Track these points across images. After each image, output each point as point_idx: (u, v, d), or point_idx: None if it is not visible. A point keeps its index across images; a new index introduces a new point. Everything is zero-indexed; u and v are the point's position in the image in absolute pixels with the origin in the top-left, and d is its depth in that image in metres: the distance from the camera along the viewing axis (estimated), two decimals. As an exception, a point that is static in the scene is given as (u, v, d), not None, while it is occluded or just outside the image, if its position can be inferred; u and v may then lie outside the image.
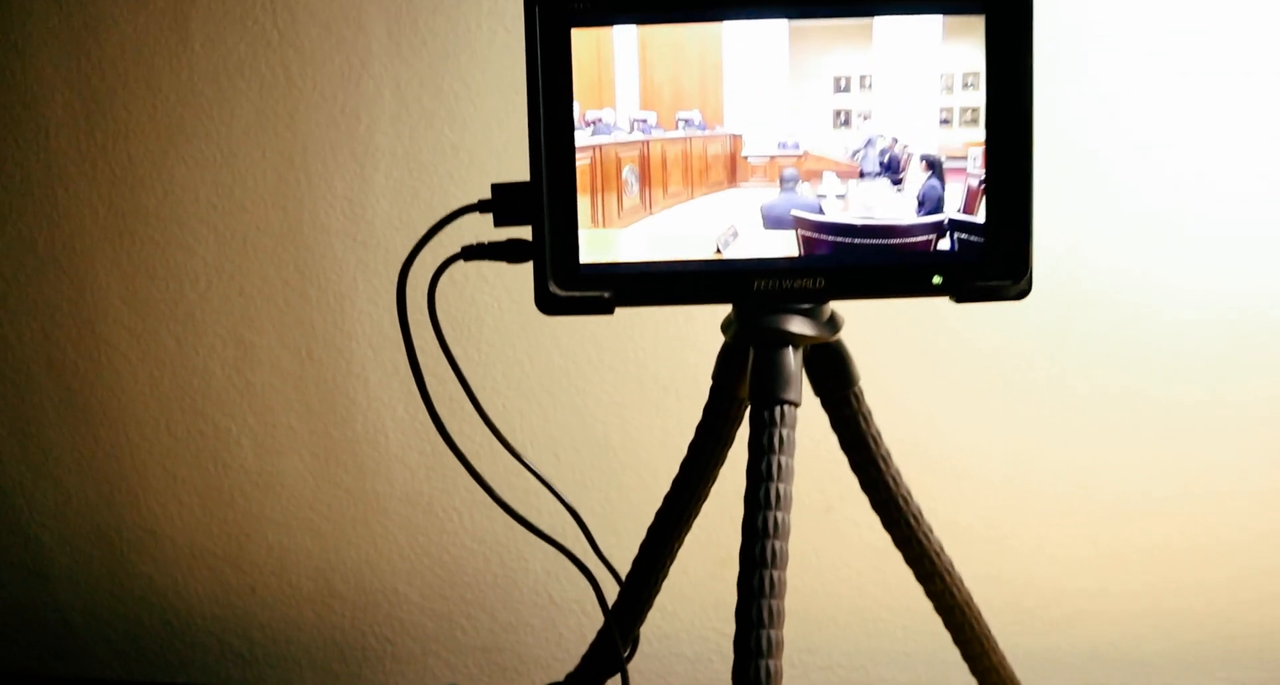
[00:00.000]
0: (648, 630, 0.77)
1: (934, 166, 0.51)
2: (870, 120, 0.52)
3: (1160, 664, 0.75)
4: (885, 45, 0.50)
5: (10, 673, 0.80)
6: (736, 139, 0.52)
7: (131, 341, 0.77)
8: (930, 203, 0.51)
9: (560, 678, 0.68)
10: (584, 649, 0.66)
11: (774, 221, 0.51)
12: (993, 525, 0.74)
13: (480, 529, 0.77)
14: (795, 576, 0.77)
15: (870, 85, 0.51)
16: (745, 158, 0.52)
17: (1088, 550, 0.74)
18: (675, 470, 0.60)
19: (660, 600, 0.71)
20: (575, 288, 0.50)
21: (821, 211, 0.51)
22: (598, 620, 0.65)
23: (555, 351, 0.74)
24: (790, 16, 0.49)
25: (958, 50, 0.50)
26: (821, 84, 0.51)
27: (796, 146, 0.52)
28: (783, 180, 0.52)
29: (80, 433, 0.79)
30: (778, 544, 0.47)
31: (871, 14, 0.49)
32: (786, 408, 0.49)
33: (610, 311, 0.51)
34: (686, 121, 0.53)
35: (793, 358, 0.50)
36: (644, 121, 0.51)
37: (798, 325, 0.50)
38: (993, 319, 0.72)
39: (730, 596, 0.48)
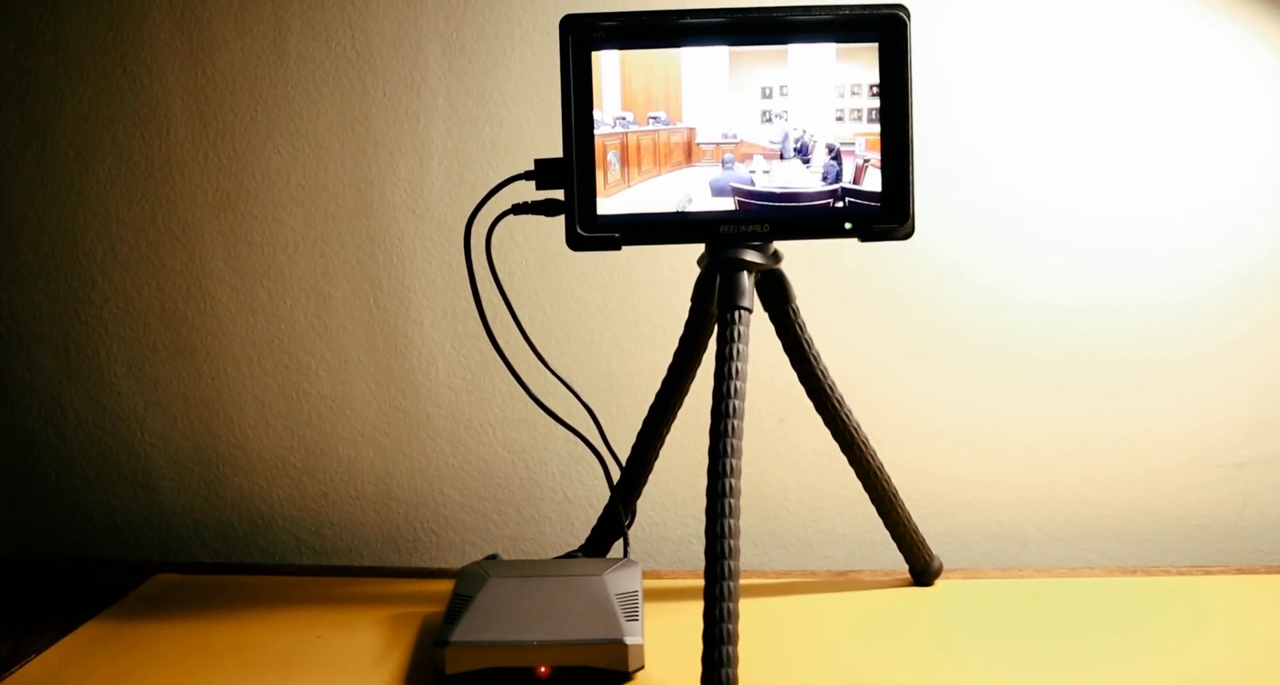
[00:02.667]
0: (640, 519, 0.97)
1: (832, 151, 0.71)
2: (787, 118, 0.70)
3: (1039, 538, 0.96)
4: (797, 64, 0.69)
5: (123, 562, 0.98)
6: (692, 131, 0.71)
7: (231, 294, 0.97)
8: (831, 176, 0.71)
9: (573, 553, 0.88)
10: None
11: (718, 190, 0.71)
12: (905, 430, 0.95)
13: (510, 441, 0.97)
14: (755, 475, 0.98)
15: (787, 92, 0.70)
16: (698, 145, 0.71)
17: (983, 448, 0.95)
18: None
19: (650, 494, 0.91)
20: (595, 231, 0.71)
21: (753, 184, 0.71)
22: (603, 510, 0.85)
23: (570, 299, 0.95)
24: (730, 44, 0.69)
25: (849, 68, 0.70)
26: (752, 91, 0.70)
27: (735, 137, 0.70)
28: (724, 162, 0.71)
29: (186, 368, 0.99)
30: (737, 407, 0.66)
31: (787, 42, 0.69)
32: (742, 312, 0.69)
33: (619, 248, 0.71)
34: (655, 118, 0.70)
35: (747, 279, 0.70)
36: (624, 118, 0.70)
37: (750, 256, 0.71)
38: (895, 273, 0.94)
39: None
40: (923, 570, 0.83)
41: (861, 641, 0.74)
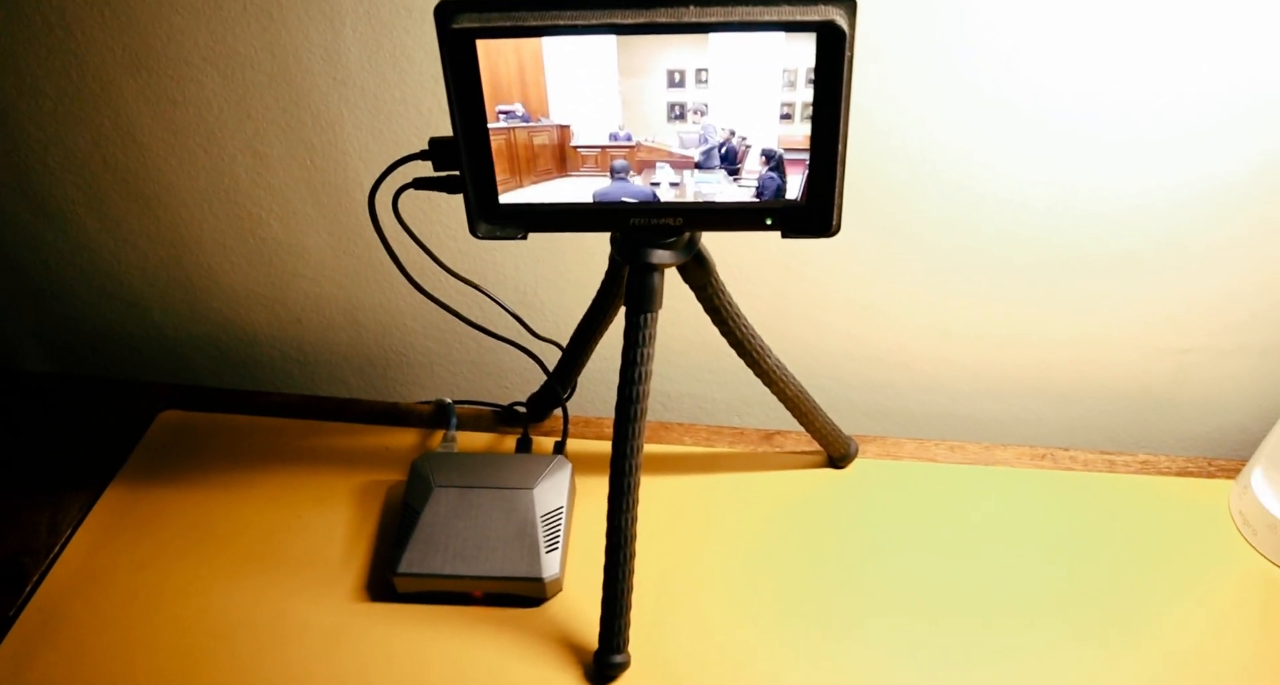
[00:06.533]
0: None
1: (772, 159, 0.56)
2: (707, 113, 0.54)
3: (970, 394, 1.00)
4: (722, 47, 0.52)
5: (136, 383, 1.06)
6: (565, 130, 0.54)
7: (168, 150, 0.94)
8: (769, 192, 0.59)
9: (525, 392, 0.95)
10: (551, 365, 0.90)
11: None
12: (853, 304, 0.95)
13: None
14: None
15: (706, 80, 0.53)
16: (575, 148, 0.55)
17: (924, 321, 0.96)
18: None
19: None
20: (495, 221, 0.68)
21: (656, 198, 0.60)
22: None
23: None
24: (618, 33, 0.51)
25: (802, 47, 0.52)
26: (655, 77, 0.52)
27: (628, 138, 0.54)
28: (613, 171, 0.57)
29: (143, 212, 0.99)
30: (640, 410, 0.70)
31: (706, 32, 0.52)
32: (649, 315, 0.69)
33: (525, 238, 0.68)
34: (507, 113, 0.54)
35: (656, 279, 0.68)
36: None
37: (661, 256, 0.68)
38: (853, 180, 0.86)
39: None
40: (841, 456, 0.90)
41: (769, 522, 0.85)
